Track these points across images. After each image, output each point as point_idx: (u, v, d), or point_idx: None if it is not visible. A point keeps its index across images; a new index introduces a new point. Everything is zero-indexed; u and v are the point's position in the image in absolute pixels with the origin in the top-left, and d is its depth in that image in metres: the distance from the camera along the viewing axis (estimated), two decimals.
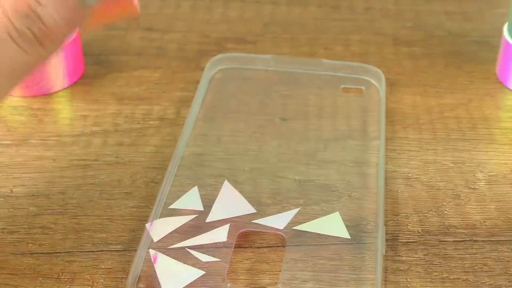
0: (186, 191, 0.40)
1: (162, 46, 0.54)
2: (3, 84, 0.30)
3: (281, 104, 0.47)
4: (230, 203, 0.39)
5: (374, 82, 0.48)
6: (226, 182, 0.40)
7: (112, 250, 0.37)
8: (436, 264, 0.37)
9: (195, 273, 0.35)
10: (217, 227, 0.38)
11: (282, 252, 0.37)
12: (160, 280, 0.34)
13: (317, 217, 0.39)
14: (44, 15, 0.29)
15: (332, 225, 0.38)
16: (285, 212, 0.39)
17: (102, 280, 0.35)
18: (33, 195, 0.40)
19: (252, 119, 0.46)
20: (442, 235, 0.38)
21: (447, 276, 0.36)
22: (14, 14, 0.29)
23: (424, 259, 0.37)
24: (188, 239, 0.37)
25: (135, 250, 0.36)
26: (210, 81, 0.49)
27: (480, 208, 0.40)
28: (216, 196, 0.39)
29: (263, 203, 0.39)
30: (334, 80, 0.49)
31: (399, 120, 0.46)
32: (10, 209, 0.39)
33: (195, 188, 0.40)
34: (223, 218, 0.38)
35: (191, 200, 0.39)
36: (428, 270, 0.36)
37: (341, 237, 0.37)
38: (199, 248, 0.36)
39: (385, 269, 0.36)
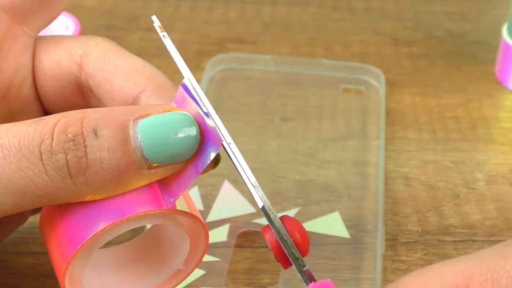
0: None
1: (162, 46, 0.54)
2: (4, 201, 0.25)
3: (281, 104, 0.47)
4: (230, 203, 0.39)
5: (374, 82, 0.48)
6: (226, 182, 0.40)
7: None
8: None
9: (195, 273, 0.35)
10: (217, 227, 0.38)
11: None
12: None
13: (317, 217, 0.39)
14: (92, 148, 0.24)
15: (332, 225, 0.38)
16: (285, 212, 0.39)
17: None
18: None
19: (252, 119, 0.46)
20: (442, 235, 0.38)
21: None
22: (60, 131, 0.24)
23: (423, 259, 0.37)
24: None
25: None
26: (210, 82, 0.49)
27: (479, 208, 0.40)
28: (216, 196, 0.39)
29: None
30: (334, 80, 0.49)
31: (399, 120, 0.46)
32: None
33: (195, 188, 0.40)
34: (223, 218, 0.38)
35: None
36: None
37: (341, 237, 0.37)
38: None
39: (385, 269, 0.36)
